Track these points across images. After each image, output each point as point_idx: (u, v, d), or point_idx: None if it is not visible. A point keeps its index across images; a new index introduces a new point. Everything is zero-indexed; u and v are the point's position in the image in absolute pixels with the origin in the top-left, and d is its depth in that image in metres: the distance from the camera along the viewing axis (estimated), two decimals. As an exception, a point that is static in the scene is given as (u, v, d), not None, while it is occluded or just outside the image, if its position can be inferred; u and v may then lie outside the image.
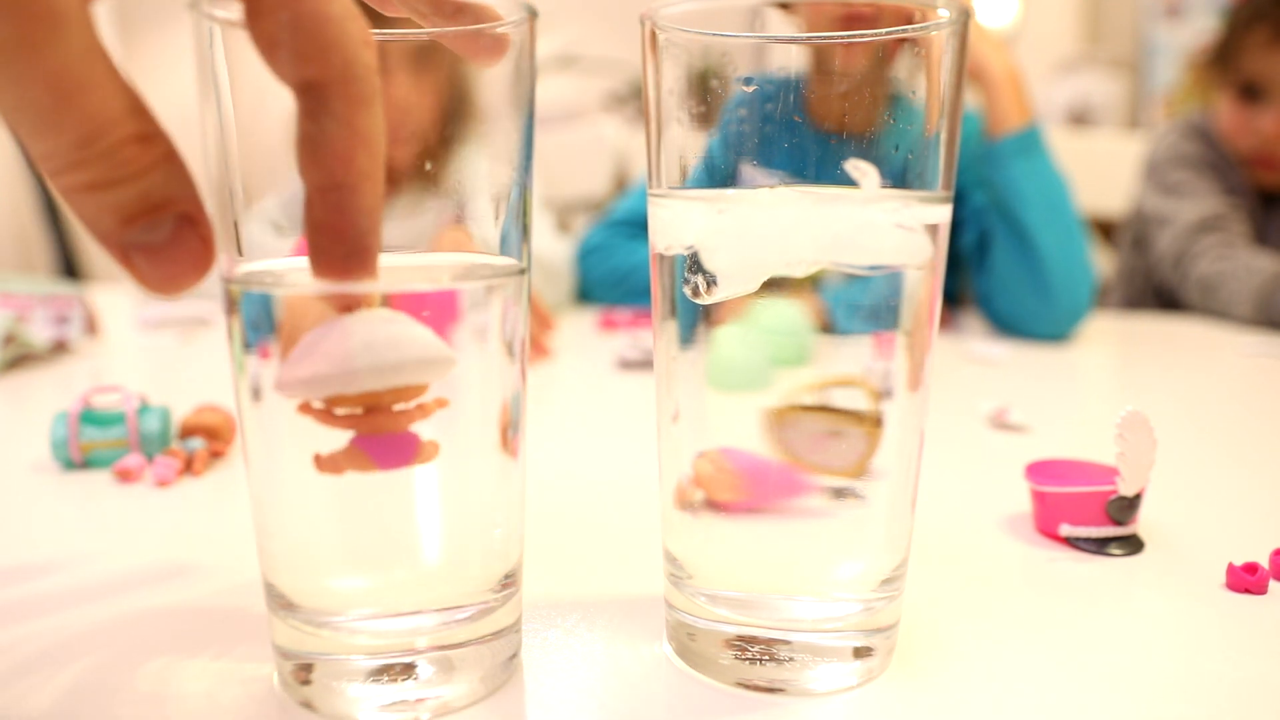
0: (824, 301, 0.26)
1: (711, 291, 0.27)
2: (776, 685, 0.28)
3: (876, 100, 0.25)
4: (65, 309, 0.83)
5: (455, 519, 0.27)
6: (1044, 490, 0.41)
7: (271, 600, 0.27)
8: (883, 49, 0.25)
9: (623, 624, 0.32)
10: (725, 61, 0.26)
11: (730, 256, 0.26)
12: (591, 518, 0.44)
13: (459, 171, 0.27)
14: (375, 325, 0.22)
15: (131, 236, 0.20)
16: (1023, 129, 0.92)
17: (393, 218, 0.26)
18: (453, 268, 0.27)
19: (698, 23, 0.26)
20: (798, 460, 0.27)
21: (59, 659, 0.30)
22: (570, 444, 0.57)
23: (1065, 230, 0.93)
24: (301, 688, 0.27)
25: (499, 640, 0.28)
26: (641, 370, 0.77)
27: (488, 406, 0.27)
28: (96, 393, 0.51)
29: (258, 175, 0.25)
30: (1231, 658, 0.30)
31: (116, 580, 0.36)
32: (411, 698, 0.27)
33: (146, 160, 0.20)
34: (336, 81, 0.20)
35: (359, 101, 0.20)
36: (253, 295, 0.25)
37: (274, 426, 0.26)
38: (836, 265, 0.26)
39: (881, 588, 0.29)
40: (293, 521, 0.27)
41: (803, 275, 0.25)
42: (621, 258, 1.10)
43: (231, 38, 0.23)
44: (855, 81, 0.25)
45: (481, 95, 0.27)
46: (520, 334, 0.28)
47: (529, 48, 0.27)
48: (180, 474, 0.48)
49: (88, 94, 0.19)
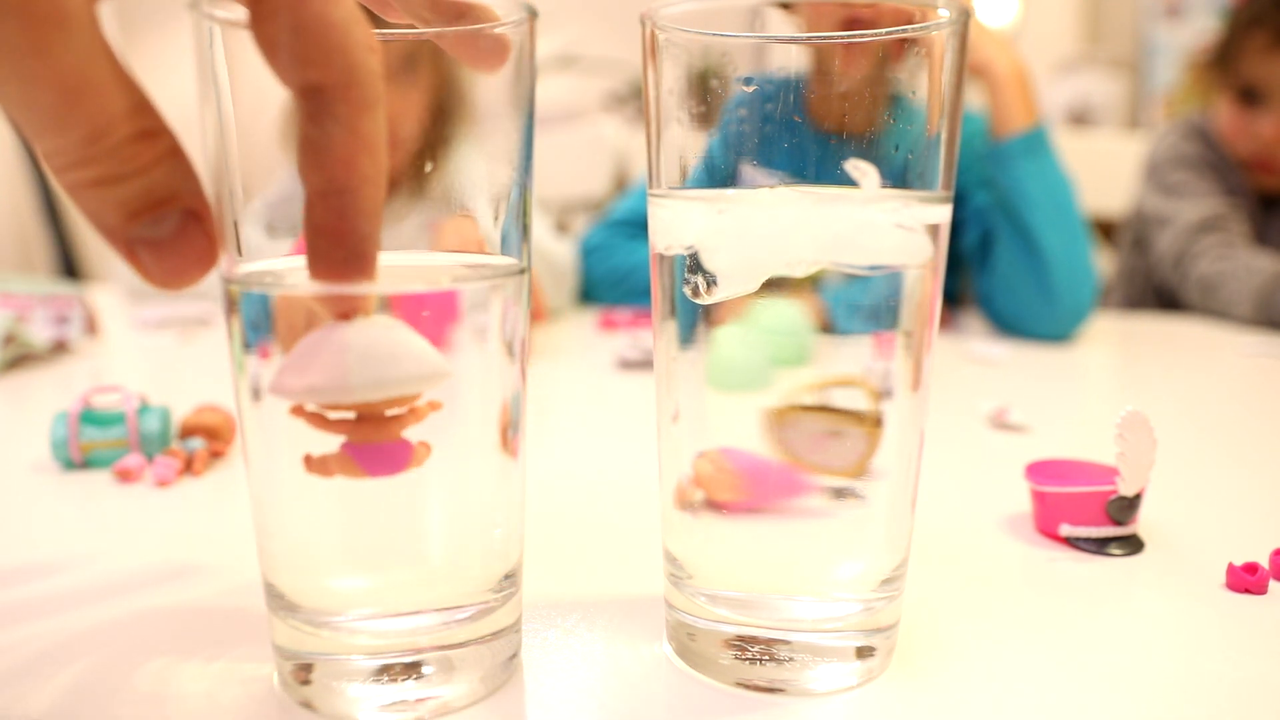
0: (824, 301, 0.26)
1: (711, 291, 0.27)
2: (776, 685, 0.28)
3: (877, 100, 0.25)
4: (65, 309, 0.83)
5: (455, 519, 0.27)
6: (1044, 490, 0.41)
7: (271, 600, 0.27)
8: (883, 49, 0.25)
9: (623, 624, 0.32)
10: (725, 61, 0.26)
11: (730, 256, 0.26)
12: (591, 518, 0.44)
13: (458, 173, 0.27)
14: (372, 336, 0.22)
15: (136, 231, 0.20)
16: (1028, 129, 0.92)
17: (392, 218, 0.26)
18: (452, 269, 0.27)
19: (698, 23, 0.26)
20: (798, 460, 0.27)
21: (59, 659, 0.30)
22: (570, 444, 0.57)
23: (1069, 232, 0.93)
24: (301, 688, 0.27)
25: (499, 640, 0.28)
26: (641, 370, 0.77)
27: (487, 407, 0.27)
28: (96, 393, 0.51)
29: (257, 175, 0.25)
30: (1231, 658, 0.30)
31: (116, 580, 0.36)
32: (411, 698, 0.27)
33: (151, 156, 0.20)
34: (339, 86, 0.20)
35: (362, 106, 0.20)
36: (252, 295, 0.25)
37: (273, 426, 0.26)
38: (836, 265, 0.26)
39: (881, 588, 0.29)
40: (292, 521, 0.27)
41: (803, 275, 0.25)
42: (621, 258, 1.10)
43: (231, 38, 0.23)
44: (855, 82, 0.25)
45: (481, 96, 0.27)
46: (520, 334, 0.28)
47: (529, 48, 0.27)
48: (180, 474, 0.48)
49: (93, 93, 0.19)
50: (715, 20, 0.26)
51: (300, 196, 0.21)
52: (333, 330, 0.22)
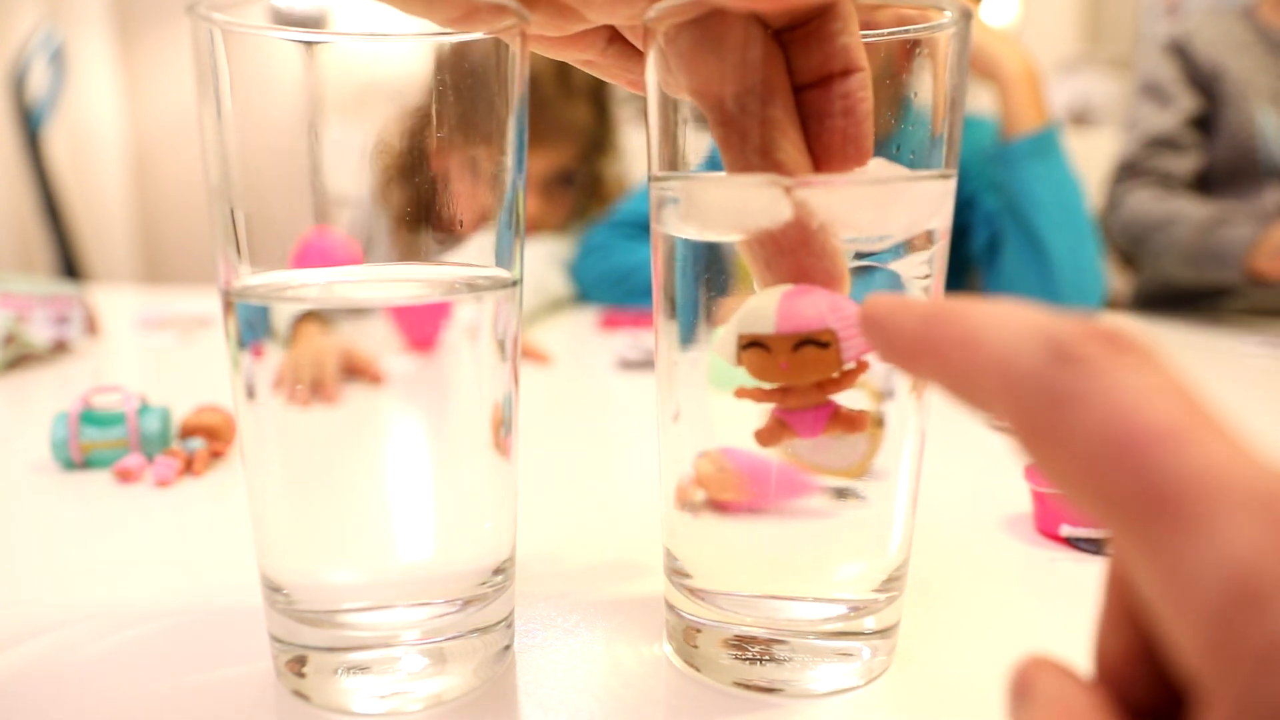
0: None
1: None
2: (776, 685, 0.28)
3: (879, 101, 0.25)
4: (65, 309, 0.83)
5: (447, 515, 0.28)
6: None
7: (267, 592, 0.28)
8: (885, 50, 0.25)
9: (623, 624, 0.32)
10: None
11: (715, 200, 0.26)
12: (591, 517, 0.44)
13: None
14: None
15: None
16: (1037, 131, 0.91)
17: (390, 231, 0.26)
18: (443, 283, 0.27)
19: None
20: (798, 460, 0.27)
21: (58, 659, 0.30)
22: (570, 444, 0.57)
23: (1077, 234, 0.92)
24: (296, 679, 0.27)
25: (491, 633, 0.29)
26: (642, 370, 0.77)
27: (480, 406, 0.27)
28: (96, 393, 0.51)
29: (258, 175, 0.25)
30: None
31: (116, 580, 0.36)
32: (404, 689, 0.27)
33: None
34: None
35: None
36: (249, 307, 0.25)
37: (269, 423, 0.26)
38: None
39: (882, 588, 0.29)
40: (287, 516, 0.27)
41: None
42: (621, 258, 1.10)
43: (231, 39, 0.23)
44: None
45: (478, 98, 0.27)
46: (511, 333, 0.28)
47: (521, 56, 0.26)
48: (180, 474, 0.48)
49: None
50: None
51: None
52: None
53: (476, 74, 0.26)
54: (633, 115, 1.36)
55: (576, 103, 1.15)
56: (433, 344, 0.26)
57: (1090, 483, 0.13)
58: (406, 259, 0.26)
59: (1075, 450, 0.13)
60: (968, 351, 0.15)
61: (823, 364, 0.23)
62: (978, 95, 1.38)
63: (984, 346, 0.15)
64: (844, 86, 0.24)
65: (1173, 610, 0.12)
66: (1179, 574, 0.12)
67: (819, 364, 0.23)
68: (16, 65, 2.11)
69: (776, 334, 0.23)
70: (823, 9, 0.23)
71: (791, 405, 0.24)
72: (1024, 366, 0.14)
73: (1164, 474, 0.12)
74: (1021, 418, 0.14)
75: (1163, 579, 0.12)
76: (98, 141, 2.48)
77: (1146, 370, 0.14)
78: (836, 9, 0.23)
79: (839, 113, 0.24)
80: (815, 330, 0.22)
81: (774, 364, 0.23)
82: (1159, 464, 0.12)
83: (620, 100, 1.27)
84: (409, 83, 0.26)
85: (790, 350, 0.23)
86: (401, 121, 0.25)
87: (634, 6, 0.25)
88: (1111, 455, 0.13)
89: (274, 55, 0.24)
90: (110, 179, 2.51)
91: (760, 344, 0.23)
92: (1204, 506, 0.12)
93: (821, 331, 0.22)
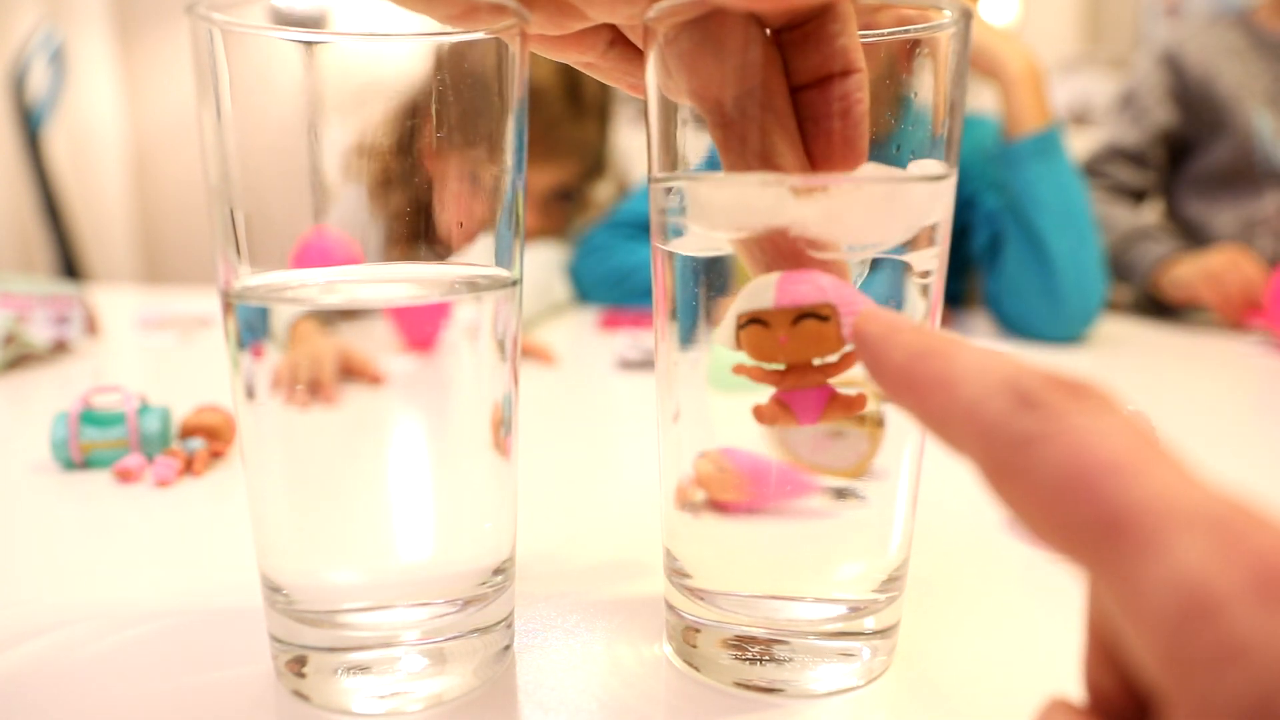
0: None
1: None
2: (776, 685, 0.28)
3: (879, 101, 0.25)
4: (65, 309, 0.83)
5: (447, 515, 0.28)
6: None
7: (267, 593, 0.28)
8: (885, 50, 0.25)
9: (623, 624, 0.32)
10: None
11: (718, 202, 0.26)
12: (591, 517, 0.44)
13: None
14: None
15: None
16: (1040, 131, 0.91)
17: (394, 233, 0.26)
18: (443, 282, 0.27)
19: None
20: (799, 460, 0.27)
21: (58, 659, 0.30)
22: (570, 444, 0.57)
23: (1078, 234, 0.92)
24: (296, 679, 0.27)
25: (491, 633, 0.29)
26: (642, 370, 0.77)
27: (479, 406, 0.27)
28: (96, 393, 0.51)
29: (257, 175, 0.25)
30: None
31: (116, 580, 0.36)
32: (404, 689, 0.27)
33: None
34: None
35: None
36: (249, 307, 0.25)
37: (269, 422, 0.26)
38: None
39: (882, 588, 0.29)
40: (287, 516, 0.27)
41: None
42: (621, 258, 1.10)
43: (231, 39, 0.23)
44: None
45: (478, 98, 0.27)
46: (511, 333, 0.28)
47: (520, 55, 0.26)
48: (180, 474, 0.48)
49: None
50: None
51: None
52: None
53: (477, 74, 0.26)
54: (633, 115, 1.36)
55: (586, 122, 1.15)
56: (432, 344, 0.26)
57: (1052, 514, 0.14)
58: (405, 259, 0.26)
59: (1037, 485, 0.15)
60: (944, 395, 0.16)
61: (823, 339, 0.22)
62: (980, 94, 1.38)
63: (959, 390, 0.16)
64: (842, 88, 0.24)
65: (1134, 626, 0.13)
66: (1137, 592, 0.13)
67: (819, 339, 0.22)
68: (16, 65, 2.11)
69: (775, 308, 0.22)
70: (822, 9, 0.23)
71: (790, 385, 0.23)
72: (992, 412, 0.15)
73: (1119, 502, 0.13)
74: (988, 459, 0.16)
75: (1123, 598, 0.13)
76: (98, 141, 2.47)
77: (1102, 413, 0.15)
78: (835, 10, 0.23)
79: (836, 114, 0.24)
80: (815, 303, 0.22)
81: (773, 339, 0.22)
82: (1114, 493, 0.13)
83: (620, 100, 1.27)
84: (409, 83, 0.26)
85: (790, 324, 0.22)
86: (401, 121, 0.25)
87: (635, 5, 0.25)
88: (1070, 488, 0.14)
89: (274, 55, 0.24)
90: (110, 179, 2.51)
91: (759, 320, 0.22)
92: (1156, 530, 0.13)
93: (821, 305, 0.22)
